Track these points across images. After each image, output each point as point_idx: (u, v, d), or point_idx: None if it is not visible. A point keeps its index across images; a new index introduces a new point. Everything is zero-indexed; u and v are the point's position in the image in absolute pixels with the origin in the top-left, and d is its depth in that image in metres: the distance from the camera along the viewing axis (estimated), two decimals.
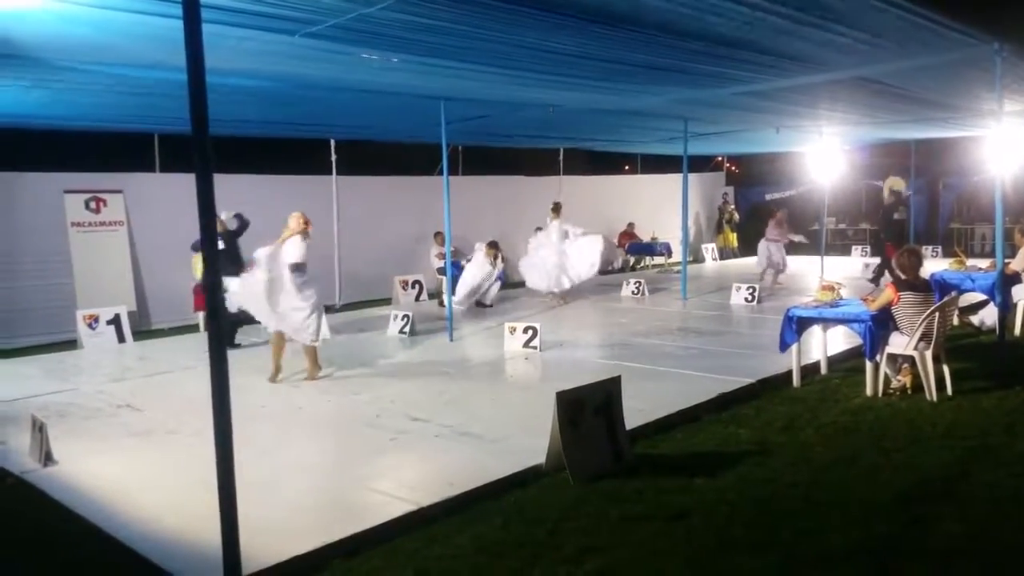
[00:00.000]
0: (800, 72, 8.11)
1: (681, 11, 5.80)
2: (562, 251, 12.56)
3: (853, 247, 19.95)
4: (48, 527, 4.53)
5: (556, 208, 13.02)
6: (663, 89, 9.19)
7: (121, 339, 10.32)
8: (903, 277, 6.77)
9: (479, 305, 12.36)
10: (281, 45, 6.18)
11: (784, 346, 7.24)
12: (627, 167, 22.81)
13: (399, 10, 5.27)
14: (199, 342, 10.04)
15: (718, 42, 6.74)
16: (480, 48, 6.60)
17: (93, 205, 11.24)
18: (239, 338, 9.80)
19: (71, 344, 10.19)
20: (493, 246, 12.28)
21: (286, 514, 4.43)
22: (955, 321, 8.72)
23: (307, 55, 6.56)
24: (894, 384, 6.79)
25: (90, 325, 10.16)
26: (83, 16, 5.18)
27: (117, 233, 11.47)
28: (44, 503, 4.81)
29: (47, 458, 5.38)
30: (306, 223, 7.80)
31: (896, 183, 16.76)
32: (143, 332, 11.20)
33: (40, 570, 4.06)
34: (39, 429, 5.45)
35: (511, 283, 14.16)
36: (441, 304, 12.40)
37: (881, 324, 6.76)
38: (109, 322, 10.30)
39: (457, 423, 6.14)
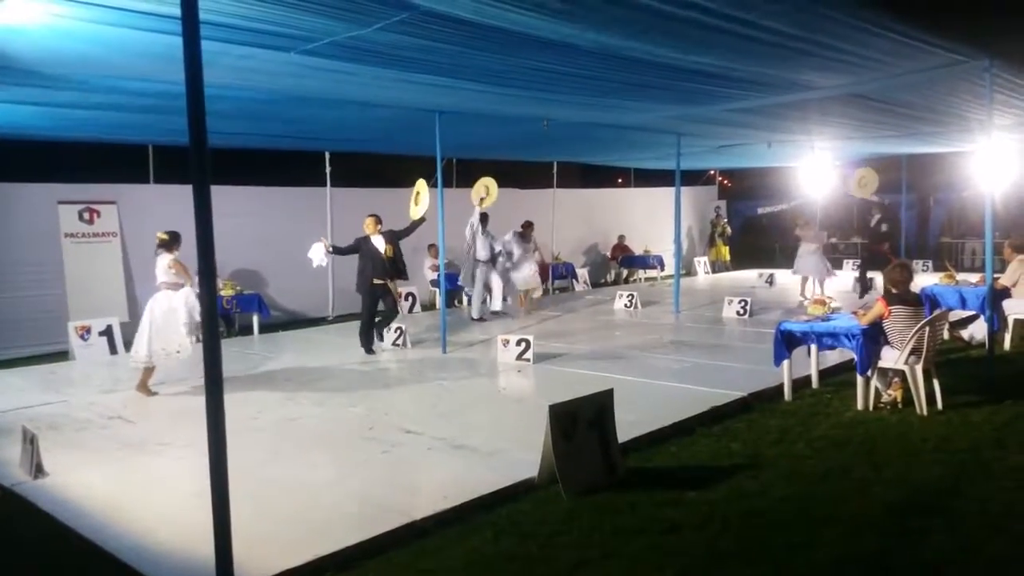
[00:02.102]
0: (792, 90, 8.20)
1: (671, 55, 5.97)
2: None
3: (844, 261, 20.05)
4: (38, 540, 4.51)
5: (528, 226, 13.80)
6: (656, 106, 9.27)
7: (113, 350, 10.29)
8: (894, 291, 6.82)
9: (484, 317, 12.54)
10: (278, 64, 6.23)
11: (779, 360, 7.27)
12: (620, 180, 22.92)
13: (395, 30, 5.32)
14: (191, 354, 10.01)
15: (710, 68, 6.88)
16: (474, 66, 6.66)
17: (87, 216, 11.23)
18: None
19: (63, 355, 10.15)
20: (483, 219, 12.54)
21: (279, 526, 4.42)
22: (945, 335, 8.77)
23: (303, 72, 6.61)
24: (885, 398, 6.83)
25: (82, 336, 10.13)
26: (82, 32, 5.20)
27: (110, 244, 11.46)
28: (34, 516, 4.78)
29: (38, 470, 5.35)
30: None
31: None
32: None
33: None
34: (30, 441, 5.42)
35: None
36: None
37: (872, 338, 6.80)
38: (101, 333, 10.27)
39: (450, 436, 6.14)
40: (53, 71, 6.44)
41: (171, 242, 8.04)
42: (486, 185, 12.18)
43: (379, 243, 9.69)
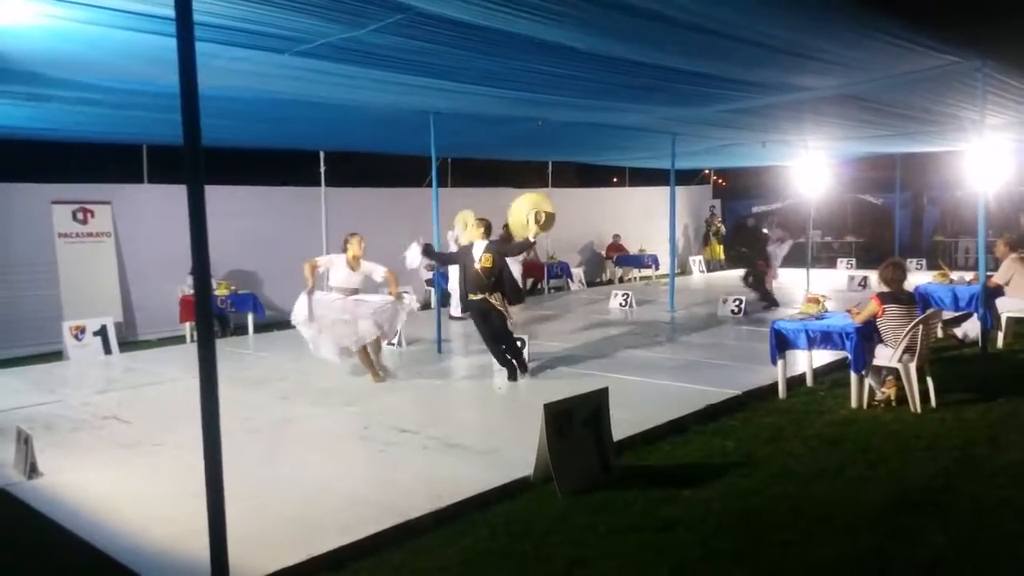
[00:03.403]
0: (785, 91, 8.22)
1: (666, 57, 5.97)
2: None
3: (839, 260, 20.11)
4: (33, 540, 4.50)
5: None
6: (650, 107, 9.30)
7: (107, 350, 10.26)
8: (888, 290, 6.83)
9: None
10: (272, 66, 6.23)
11: (775, 357, 7.27)
12: (615, 179, 22.95)
13: (389, 32, 5.33)
14: (186, 353, 10.01)
15: (705, 70, 6.91)
16: (468, 68, 6.67)
17: (80, 216, 11.22)
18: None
19: (57, 355, 10.13)
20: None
21: (273, 526, 4.42)
22: (939, 333, 8.80)
23: (298, 74, 6.60)
24: (879, 396, 6.85)
25: (76, 336, 10.11)
26: (76, 33, 5.19)
27: (104, 244, 11.45)
28: (29, 516, 4.77)
29: (32, 470, 5.34)
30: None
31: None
32: (129, 343, 11.16)
33: None
34: (24, 441, 5.41)
35: None
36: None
37: (866, 337, 6.81)
38: (95, 333, 10.24)
39: (445, 435, 6.14)
40: (47, 72, 6.43)
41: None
42: (465, 221, 10.52)
43: (477, 251, 8.13)
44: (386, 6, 4.85)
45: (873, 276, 12.87)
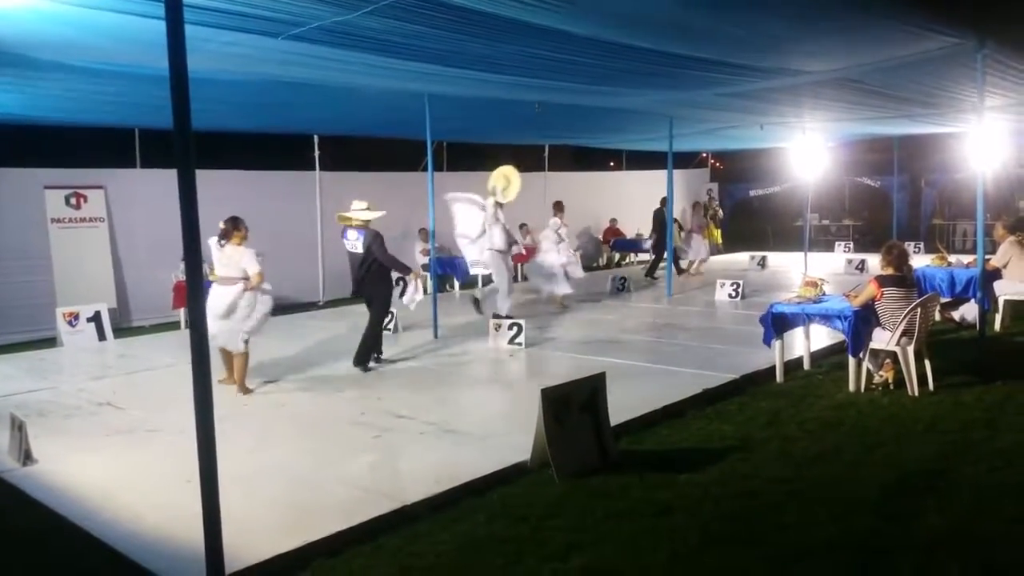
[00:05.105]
0: (783, 75, 8.16)
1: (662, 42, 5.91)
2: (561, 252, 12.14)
3: (836, 243, 20.09)
4: (28, 527, 4.47)
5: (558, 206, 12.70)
6: (647, 91, 9.23)
7: (101, 337, 10.20)
8: (887, 273, 6.80)
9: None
10: (265, 50, 6.16)
11: (769, 338, 7.24)
12: (612, 163, 22.86)
13: (383, 15, 5.26)
14: (180, 339, 9.96)
15: (702, 54, 6.85)
16: (463, 53, 6.60)
17: (74, 201, 11.13)
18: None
19: (50, 342, 10.08)
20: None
21: (269, 512, 4.40)
22: (937, 317, 8.78)
23: (291, 58, 6.53)
24: (876, 379, 6.84)
25: (70, 322, 10.04)
26: (67, 16, 5.12)
27: (98, 229, 11.37)
28: (23, 503, 4.75)
29: (26, 457, 5.32)
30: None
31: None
32: (123, 329, 11.11)
33: (20, 571, 4.02)
34: (18, 428, 5.39)
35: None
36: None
37: (864, 320, 6.79)
38: (89, 319, 10.18)
39: (442, 420, 6.13)
40: (37, 55, 6.35)
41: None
42: (506, 175, 10.26)
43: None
44: None
45: (871, 259, 12.87)
